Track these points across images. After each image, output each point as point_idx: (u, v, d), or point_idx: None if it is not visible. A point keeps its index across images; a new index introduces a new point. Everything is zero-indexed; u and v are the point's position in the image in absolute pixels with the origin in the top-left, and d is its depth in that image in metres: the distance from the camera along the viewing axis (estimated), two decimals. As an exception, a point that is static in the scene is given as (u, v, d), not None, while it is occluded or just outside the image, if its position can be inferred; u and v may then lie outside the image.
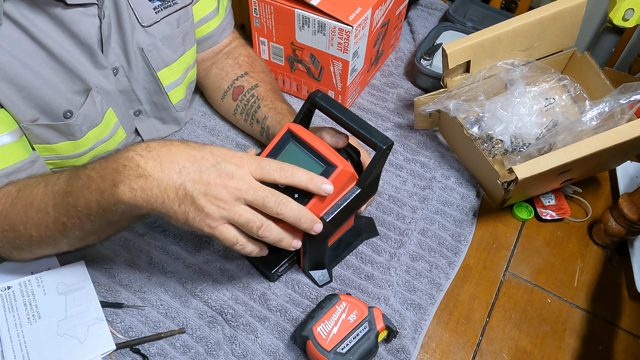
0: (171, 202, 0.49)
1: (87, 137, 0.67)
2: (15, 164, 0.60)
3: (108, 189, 0.49)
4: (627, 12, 1.01)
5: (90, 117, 0.66)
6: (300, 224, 0.52)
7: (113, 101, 0.69)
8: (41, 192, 0.56)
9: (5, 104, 0.58)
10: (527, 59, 0.81)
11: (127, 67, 0.69)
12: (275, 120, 0.75)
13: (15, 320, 0.61)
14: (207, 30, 0.81)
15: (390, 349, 0.62)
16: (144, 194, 0.48)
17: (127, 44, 0.66)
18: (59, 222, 0.55)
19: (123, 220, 0.57)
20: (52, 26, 0.58)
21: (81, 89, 0.64)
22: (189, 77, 0.79)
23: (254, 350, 0.61)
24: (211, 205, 0.49)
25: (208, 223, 0.50)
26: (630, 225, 0.69)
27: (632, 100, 0.69)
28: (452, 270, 0.71)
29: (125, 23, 0.65)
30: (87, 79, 0.63)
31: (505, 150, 0.79)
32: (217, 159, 0.49)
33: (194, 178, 0.48)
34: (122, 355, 0.60)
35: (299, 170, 0.52)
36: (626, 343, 0.66)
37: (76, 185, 0.53)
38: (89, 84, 0.64)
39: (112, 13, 0.64)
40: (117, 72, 0.68)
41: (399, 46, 1.04)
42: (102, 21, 0.62)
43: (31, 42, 0.57)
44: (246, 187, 0.49)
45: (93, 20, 0.61)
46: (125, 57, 0.68)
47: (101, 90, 0.66)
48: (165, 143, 0.50)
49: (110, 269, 0.67)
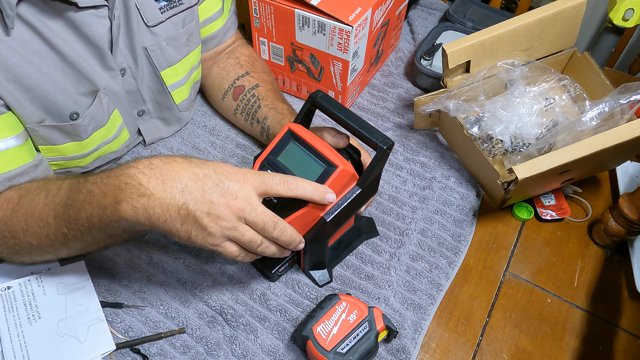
0: (174, 221, 0.49)
1: (92, 137, 0.67)
2: (18, 168, 0.60)
3: (110, 205, 0.49)
4: (627, 12, 1.01)
5: (97, 118, 0.66)
6: (288, 246, 0.55)
7: (119, 102, 0.69)
8: (42, 202, 0.56)
9: (12, 105, 0.58)
10: (527, 59, 0.81)
11: (134, 68, 0.69)
12: (276, 120, 0.75)
13: (15, 320, 0.61)
14: (212, 30, 0.81)
15: (390, 349, 0.62)
16: (146, 212, 0.48)
17: (134, 45, 0.67)
18: (59, 232, 0.55)
19: (125, 234, 0.57)
20: (64, 27, 0.58)
21: (89, 91, 0.64)
22: (193, 77, 0.79)
23: (254, 350, 0.61)
24: (214, 225, 0.49)
25: (211, 242, 0.50)
26: (630, 225, 0.69)
27: (632, 100, 0.69)
28: (452, 270, 0.71)
29: (133, 23, 0.65)
30: (95, 80, 0.63)
31: (505, 150, 0.79)
32: (220, 177, 0.49)
33: (197, 197, 0.48)
34: (122, 355, 0.60)
35: (302, 182, 0.52)
36: (626, 343, 0.66)
37: (78, 198, 0.52)
38: (97, 85, 0.64)
39: (121, 14, 0.64)
40: (125, 72, 0.68)
41: (399, 46, 1.04)
42: (113, 22, 0.62)
43: (42, 43, 0.57)
44: (249, 208, 0.50)
45: (104, 22, 0.62)
46: (133, 58, 0.68)
47: (109, 91, 0.66)
48: (168, 160, 0.50)
49: (110, 269, 0.67)
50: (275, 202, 0.56)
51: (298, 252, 0.65)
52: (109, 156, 0.74)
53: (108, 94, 0.66)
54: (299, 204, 0.55)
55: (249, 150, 0.83)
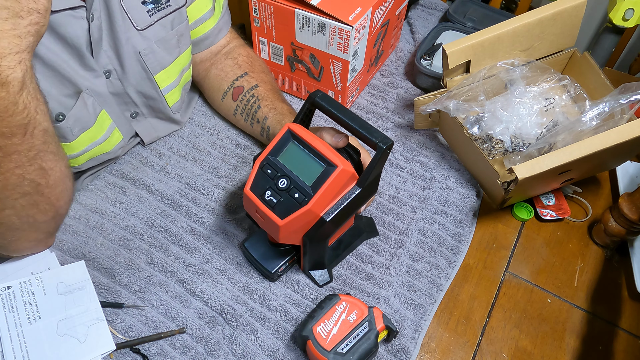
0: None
1: (79, 139, 0.67)
2: None
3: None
4: (627, 12, 1.01)
5: (82, 120, 0.66)
6: None
7: (106, 103, 0.69)
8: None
9: None
10: (527, 59, 0.81)
11: (121, 71, 0.68)
12: (276, 120, 0.75)
13: (15, 320, 0.61)
14: (204, 31, 0.80)
15: (390, 349, 0.62)
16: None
17: (119, 48, 0.66)
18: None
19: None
20: None
21: (72, 92, 0.63)
22: (184, 79, 0.79)
23: (254, 350, 0.61)
24: None
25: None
26: (630, 225, 0.69)
27: (632, 100, 0.69)
28: (452, 270, 0.71)
29: (119, 26, 0.65)
30: (77, 81, 0.63)
31: (505, 150, 0.79)
32: None
33: None
34: (122, 355, 0.60)
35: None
36: (626, 343, 0.66)
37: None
38: (79, 87, 0.63)
39: (103, 15, 0.63)
40: (110, 74, 0.68)
41: (399, 46, 1.04)
42: (91, 23, 0.62)
43: None
44: None
45: (81, 23, 0.61)
46: (119, 61, 0.67)
47: (92, 92, 0.66)
48: None
49: (110, 269, 0.67)
50: (275, 202, 0.56)
51: (298, 252, 0.65)
52: (103, 157, 0.74)
53: (92, 95, 0.66)
54: (299, 204, 0.55)
55: (249, 150, 0.83)
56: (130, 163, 0.80)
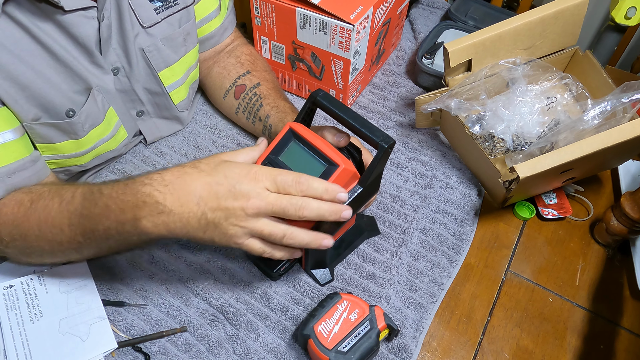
0: (195, 231, 0.51)
1: (89, 135, 0.67)
2: (17, 162, 0.60)
3: (129, 221, 0.51)
4: (630, 11, 1.01)
5: (93, 116, 0.66)
6: (327, 217, 0.53)
7: (113, 100, 0.70)
8: (56, 208, 0.56)
9: (8, 102, 0.58)
10: (528, 57, 0.81)
11: (128, 68, 0.69)
12: (278, 118, 0.75)
13: (18, 319, 0.61)
14: (209, 30, 0.81)
15: (391, 348, 0.62)
16: (167, 227, 0.51)
17: (128, 45, 0.67)
18: (74, 241, 0.56)
19: (143, 244, 0.59)
20: (53, 27, 0.59)
21: (82, 88, 0.64)
22: (191, 77, 0.79)
23: (255, 349, 0.61)
24: (233, 227, 0.51)
25: (235, 241, 0.52)
26: (632, 224, 0.69)
27: (634, 99, 0.69)
28: (454, 269, 0.71)
29: (127, 24, 0.65)
30: (87, 78, 0.64)
31: (506, 149, 0.79)
32: (232, 181, 0.51)
33: (213, 206, 0.50)
34: (123, 353, 0.60)
35: (314, 182, 0.52)
36: (628, 342, 0.66)
37: (94, 211, 0.54)
38: (89, 83, 0.64)
39: (113, 15, 0.64)
40: (118, 72, 0.68)
41: (400, 45, 1.04)
42: (102, 23, 0.62)
43: (33, 42, 0.58)
44: (264, 204, 0.51)
45: (92, 23, 0.62)
46: (127, 58, 0.68)
47: (101, 89, 0.66)
48: (179, 173, 0.52)
49: (112, 267, 0.67)
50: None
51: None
52: (107, 155, 0.74)
53: (102, 92, 0.67)
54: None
55: (251, 149, 0.83)
56: (131, 162, 0.80)
